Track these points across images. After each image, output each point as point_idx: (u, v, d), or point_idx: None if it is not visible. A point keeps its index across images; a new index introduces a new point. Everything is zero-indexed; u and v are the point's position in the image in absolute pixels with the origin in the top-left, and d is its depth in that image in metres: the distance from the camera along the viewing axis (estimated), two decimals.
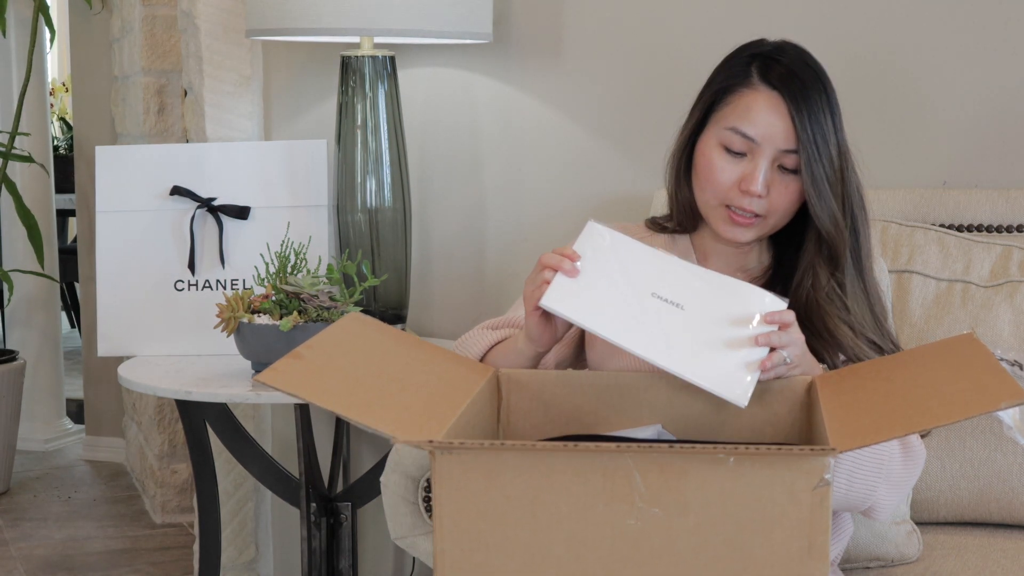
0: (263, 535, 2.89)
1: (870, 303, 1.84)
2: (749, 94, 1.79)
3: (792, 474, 1.31)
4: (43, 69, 4.50)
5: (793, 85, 1.77)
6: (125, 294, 2.54)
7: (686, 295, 1.65)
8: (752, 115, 1.78)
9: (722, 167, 1.80)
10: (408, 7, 2.36)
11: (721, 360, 1.62)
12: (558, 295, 1.65)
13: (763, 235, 1.84)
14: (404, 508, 1.94)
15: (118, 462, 4.39)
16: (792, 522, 1.32)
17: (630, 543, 1.35)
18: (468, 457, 1.37)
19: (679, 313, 1.64)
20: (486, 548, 1.37)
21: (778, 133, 1.77)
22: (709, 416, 1.68)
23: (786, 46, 1.83)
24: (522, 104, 2.68)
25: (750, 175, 1.78)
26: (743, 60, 1.82)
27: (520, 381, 1.73)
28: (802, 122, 1.76)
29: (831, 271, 1.81)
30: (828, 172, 1.77)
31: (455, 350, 1.87)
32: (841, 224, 1.80)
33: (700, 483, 1.33)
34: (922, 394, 1.48)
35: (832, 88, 1.81)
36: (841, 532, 1.88)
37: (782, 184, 1.79)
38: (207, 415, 2.49)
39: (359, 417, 1.43)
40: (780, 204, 1.79)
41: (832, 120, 1.79)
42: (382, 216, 2.55)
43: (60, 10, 5.95)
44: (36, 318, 4.47)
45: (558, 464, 1.35)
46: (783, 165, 1.78)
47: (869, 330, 1.81)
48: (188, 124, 2.94)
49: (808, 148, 1.76)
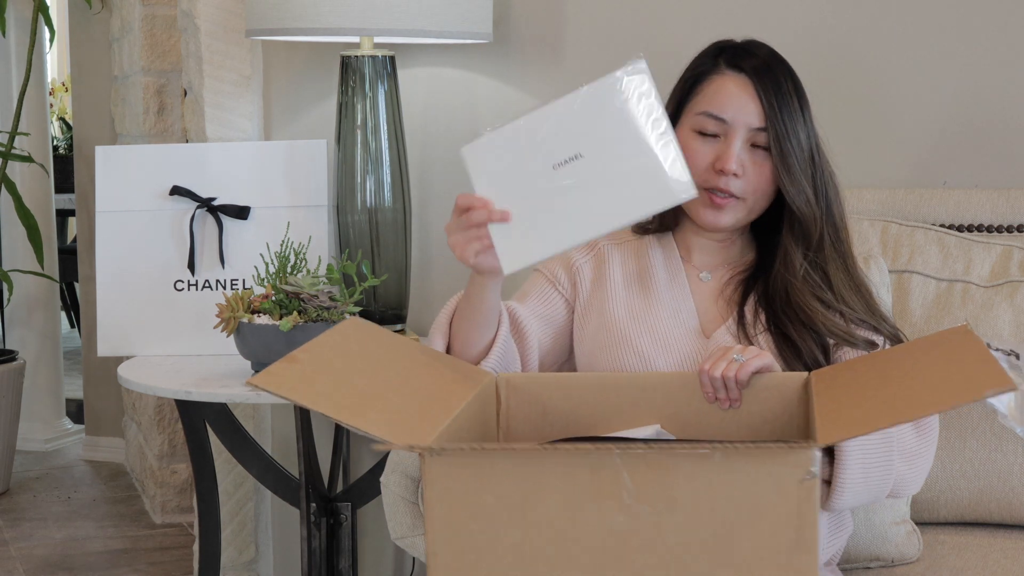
0: (263, 535, 2.89)
1: (858, 289, 1.87)
2: (718, 79, 1.87)
3: (779, 468, 1.32)
4: (43, 69, 4.50)
5: (759, 68, 1.85)
6: (125, 294, 2.54)
7: (573, 141, 1.64)
8: (721, 97, 1.85)
9: (696, 150, 1.85)
10: (408, 7, 2.36)
11: (644, 176, 1.63)
12: (509, 253, 1.66)
13: (742, 219, 1.87)
14: (404, 508, 1.94)
15: (118, 462, 4.39)
16: (780, 516, 1.33)
17: (620, 539, 1.35)
18: (457, 460, 1.38)
19: (584, 162, 1.64)
20: (477, 548, 1.38)
21: (748, 112, 1.83)
22: (707, 415, 1.69)
23: (752, 41, 1.91)
24: (522, 104, 2.67)
25: (723, 154, 1.83)
26: (711, 53, 1.91)
27: (518, 385, 1.73)
28: (769, 100, 1.83)
29: (804, 251, 1.85)
30: (798, 151, 1.83)
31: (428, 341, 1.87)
32: (813, 203, 1.84)
33: (687, 479, 1.34)
34: (912, 384, 1.50)
35: (799, 81, 1.87)
36: (841, 531, 1.88)
37: (756, 163, 1.84)
38: (207, 415, 2.49)
39: (351, 421, 1.44)
40: (756, 183, 1.84)
41: (800, 105, 1.85)
42: (382, 216, 2.54)
43: (60, 10, 5.95)
44: (36, 318, 4.47)
45: (546, 464, 1.36)
46: (756, 144, 1.84)
47: (861, 313, 1.84)
48: (188, 124, 2.94)
49: (777, 125, 1.82)
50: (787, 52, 1.92)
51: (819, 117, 1.89)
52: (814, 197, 1.84)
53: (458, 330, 1.82)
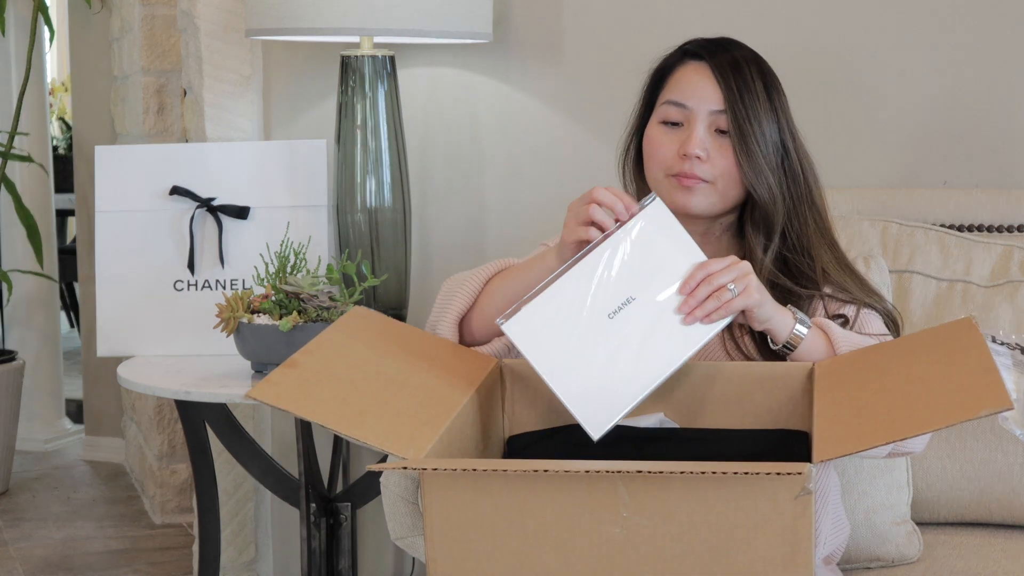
0: (263, 535, 2.89)
1: (851, 270, 1.90)
2: (680, 70, 1.91)
3: (774, 483, 1.33)
4: (42, 69, 4.50)
5: (719, 54, 1.88)
6: (124, 294, 2.54)
7: (621, 286, 1.64)
8: (682, 85, 1.89)
9: (662, 140, 1.88)
10: (408, 7, 2.36)
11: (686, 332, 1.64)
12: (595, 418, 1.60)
13: (715, 204, 1.88)
14: (404, 508, 1.94)
15: (117, 462, 4.39)
16: (775, 530, 1.34)
17: (617, 550, 1.37)
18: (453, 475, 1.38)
19: (637, 304, 1.64)
20: (476, 556, 1.39)
21: (708, 96, 1.86)
22: (711, 402, 1.70)
23: (724, 38, 1.94)
24: (522, 104, 2.68)
25: (687, 139, 1.86)
26: (676, 50, 1.94)
27: (522, 373, 1.74)
28: (727, 83, 1.85)
29: (766, 241, 1.88)
30: (759, 134, 1.84)
31: (441, 298, 1.88)
32: (773, 187, 1.86)
33: (684, 492, 1.35)
34: (911, 392, 1.50)
35: (768, 69, 1.89)
36: (840, 531, 1.88)
37: (720, 147, 1.86)
38: (206, 415, 2.49)
39: (350, 431, 1.44)
40: (722, 167, 1.86)
41: (765, 89, 1.87)
42: (382, 216, 2.54)
43: (60, 10, 5.95)
44: (35, 318, 4.47)
45: (540, 482, 1.36)
46: (720, 129, 1.86)
47: (856, 292, 1.87)
48: (188, 124, 2.93)
49: (736, 107, 1.84)
50: (788, 52, 1.93)
51: (820, 117, 1.90)
52: (776, 182, 1.85)
53: (491, 297, 1.84)
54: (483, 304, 1.85)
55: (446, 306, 1.87)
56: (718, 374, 1.71)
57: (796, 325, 1.73)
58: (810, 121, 1.97)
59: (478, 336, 1.87)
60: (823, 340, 1.75)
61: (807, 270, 1.87)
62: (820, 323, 1.77)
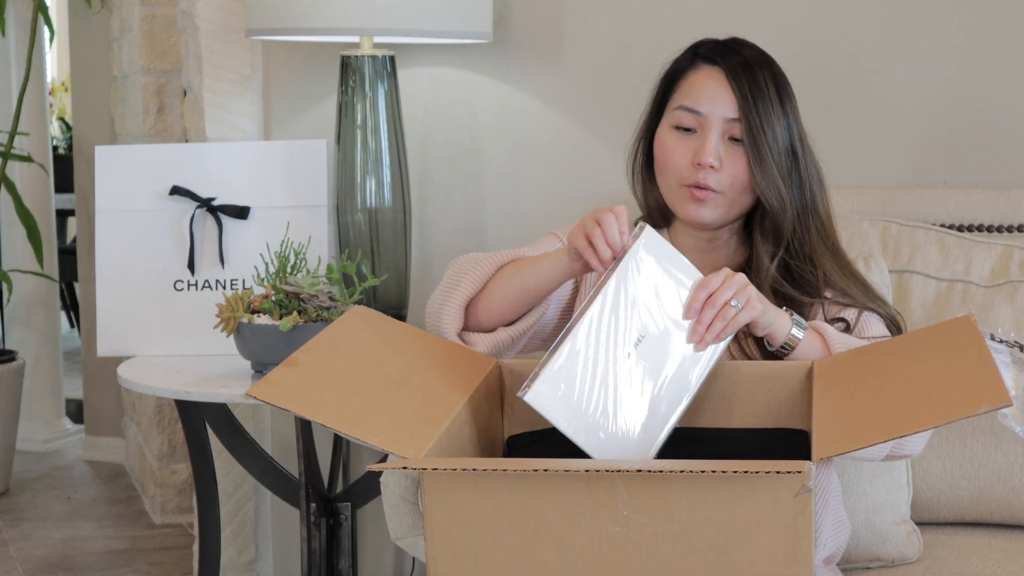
0: (263, 535, 2.89)
1: (854, 276, 1.90)
2: (692, 74, 1.89)
3: (774, 482, 1.33)
4: (42, 69, 4.50)
5: (733, 59, 1.87)
6: (125, 294, 2.54)
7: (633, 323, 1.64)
8: (696, 90, 1.87)
9: (675, 147, 1.87)
10: (408, 7, 2.36)
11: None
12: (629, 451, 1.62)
13: (724, 215, 1.88)
14: (404, 508, 1.94)
15: (117, 462, 4.39)
16: (776, 527, 1.34)
17: (617, 548, 1.37)
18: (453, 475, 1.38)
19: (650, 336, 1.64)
20: (476, 554, 1.40)
21: (722, 103, 1.85)
22: (712, 400, 1.71)
23: (734, 39, 1.93)
24: (522, 104, 2.68)
25: (701, 147, 1.85)
26: (688, 50, 1.93)
27: (522, 373, 1.74)
28: (742, 90, 1.84)
29: (774, 249, 1.87)
30: (772, 142, 1.84)
31: (449, 278, 1.88)
32: (784, 195, 1.85)
33: (684, 490, 1.35)
34: (910, 390, 1.50)
35: (781, 74, 1.88)
36: (840, 532, 1.88)
37: (733, 156, 1.85)
38: (206, 415, 2.49)
39: (350, 431, 1.44)
40: (734, 176, 1.85)
41: (778, 96, 1.86)
42: (382, 216, 2.55)
43: (59, 10, 5.95)
44: (35, 318, 4.47)
45: (540, 481, 1.36)
46: (733, 137, 1.85)
47: (860, 297, 1.87)
48: (188, 124, 2.93)
49: (750, 115, 1.83)
50: (788, 52, 1.93)
51: (820, 117, 1.89)
52: (787, 190, 1.85)
53: (500, 286, 1.84)
54: (491, 291, 1.85)
55: (454, 288, 1.88)
56: (718, 373, 1.71)
57: (793, 328, 1.74)
58: (810, 121, 1.97)
59: (483, 322, 1.88)
60: (819, 342, 1.75)
61: (809, 277, 1.88)
62: (817, 326, 1.77)
